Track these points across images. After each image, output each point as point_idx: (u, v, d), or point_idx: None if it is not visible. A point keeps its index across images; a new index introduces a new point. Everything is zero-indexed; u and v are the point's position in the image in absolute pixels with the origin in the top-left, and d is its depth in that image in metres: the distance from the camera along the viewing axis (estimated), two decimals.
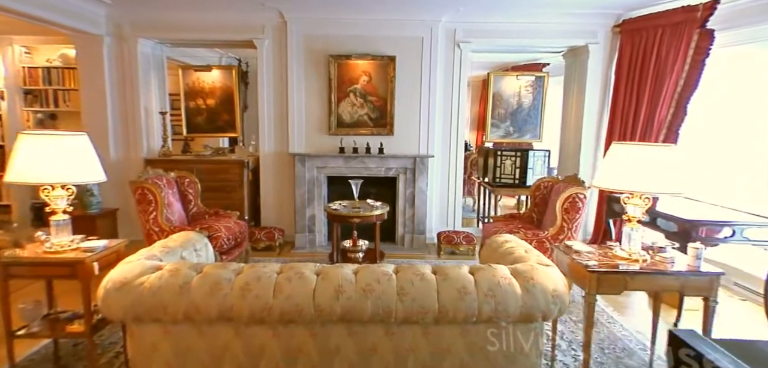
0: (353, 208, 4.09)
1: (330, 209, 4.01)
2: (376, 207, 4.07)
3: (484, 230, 4.40)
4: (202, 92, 5.96)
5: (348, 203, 4.29)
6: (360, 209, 4.04)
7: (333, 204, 4.19)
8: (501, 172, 5.63)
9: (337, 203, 4.23)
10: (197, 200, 4.56)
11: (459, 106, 5.70)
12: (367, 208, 4.09)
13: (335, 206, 4.10)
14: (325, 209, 4.07)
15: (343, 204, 4.24)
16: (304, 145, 5.66)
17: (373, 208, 4.05)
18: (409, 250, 5.58)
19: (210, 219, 4.34)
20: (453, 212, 5.91)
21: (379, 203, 4.20)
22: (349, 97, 5.54)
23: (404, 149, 5.63)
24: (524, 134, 6.02)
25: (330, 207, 4.06)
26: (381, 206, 4.12)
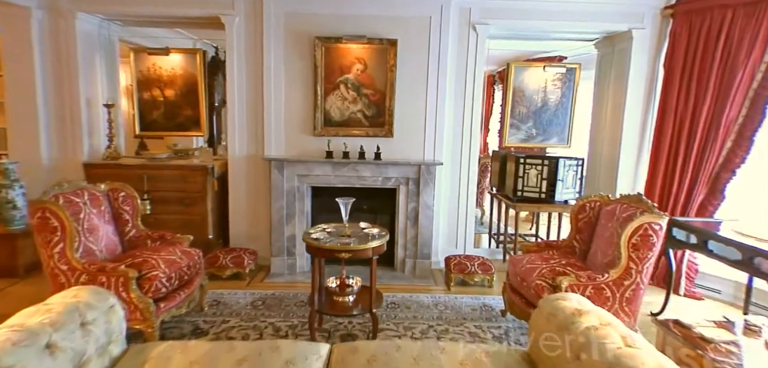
0: (342, 236, 3.03)
1: (310, 238, 2.95)
2: (373, 236, 3.02)
3: (512, 265, 3.37)
4: (158, 81, 4.87)
5: (335, 227, 3.23)
6: (351, 239, 2.98)
7: (314, 231, 3.13)
8: (524, 183, 4.61)
9: (319, 229, 3.17)
10: (136, 221, 3.48)
11: (473, 103, 4.67)
12: (359, 236, 3.04)
13: (317, 234, 3.04)
14: (305, 238, 3.01)
15: (329, 229, 3.19)
16: (283, 148, 4.59)
17: (369, 237, 3.00)
18: (411, 279, 4.54)
19: (149, 249, 3.26)
20: (464, 232, 4.87)
21: (376, 230, 3.14)
22: (339, 89, 4.48)
23: (406, 154, 4.58)
24: (550, 137, 5.01)
25: (310, 235, 3.00)
26: (379, 234, 3.07)
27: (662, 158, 4.38)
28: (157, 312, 2.83)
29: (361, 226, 3.28)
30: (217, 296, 3.95)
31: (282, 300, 3.87)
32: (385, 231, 3.18)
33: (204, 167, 4.53)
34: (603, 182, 4.95)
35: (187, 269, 3.16)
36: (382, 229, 3.22)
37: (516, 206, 4.65)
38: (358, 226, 3.30)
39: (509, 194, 4.83)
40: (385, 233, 3.16)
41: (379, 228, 3.20)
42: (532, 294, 2.87)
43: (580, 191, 4.67)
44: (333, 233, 3.12)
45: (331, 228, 3.22)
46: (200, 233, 4.60)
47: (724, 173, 4.02)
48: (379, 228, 3.21)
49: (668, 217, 2.76)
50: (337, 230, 3.15)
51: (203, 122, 4.94)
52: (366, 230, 3.13)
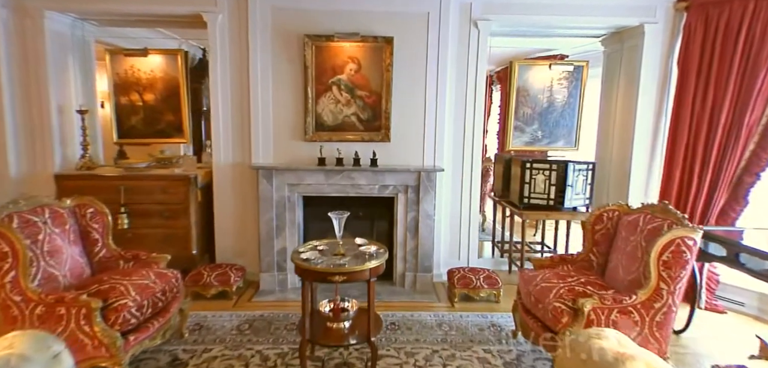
0: (335, 254, 2.71)
1: (299, 259, 2.61)
2: (370, 255, 2.69)
3: (524, 283, 3.06)
4: (137, 85, 4.52)
5: (328, 244, 2.91)
6: (345, 258, 2.66)
7: (304, 249, 2.80)
8: (531, 190, 4.30)
9: (309, 247, 2.85)
10: (106, 239, 3.13)
11: (476, 104, 4.36)
12: (355, 255, 2.72)
13: (307, 253, 2.71)
14: (293, 258, 2.68)
15: (321, 247, 2.86)
16: (271, 155, 4.26)
17: (366, 256, 2.68)
18: (412, 294, 4.22)
19: (120, 272, 2.91)
20: (467, 242, 4.56)
21: (373, 248, 2.82)
22: (332, 91, 4.16)
23: (404, 160, 4.27)
24: (556, 140, 4.72)
25: (300, 255, 2.67)
26: (377, 252, 2.75)
27: (678, 161, 4.10)
28: (126, 347, 2.49)
29: (357, 242, 2.96)
30: (201, 319, 3.60)
31: (271, 323, 3.54)
32: (383, 249, 2.86)
33: (186, 176, 4.18)
34: (613, 188, 4.66)
35: (162, 295, 2.81)
36: (380, 246, 2.90)
37: (522, 214, 4.34)
38: (353, 242, 2.98)
39: (515, 201, 4.53)
40: (384, 250, 2.84)
41: (376, 245, 2.88)
42: (550, 319, 2.56)
43: (591, 198, 4.38)
44: (325, 251, 2.79)
45: (323, 245, 2.90)
46: (183, 249, 4.26)
47: (746, 177, 3.74)
48: (377, 245, 2.89)
49: (702, 230, 2.46)
50: (330, 248, 2.82)
51: (186, 128, 4.60)
52: (362, 248, 2.81)
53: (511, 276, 4.75)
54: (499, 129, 8.15)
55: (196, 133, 5.62)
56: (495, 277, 4.06)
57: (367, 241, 2.97)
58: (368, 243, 2.92)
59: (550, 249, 5.21)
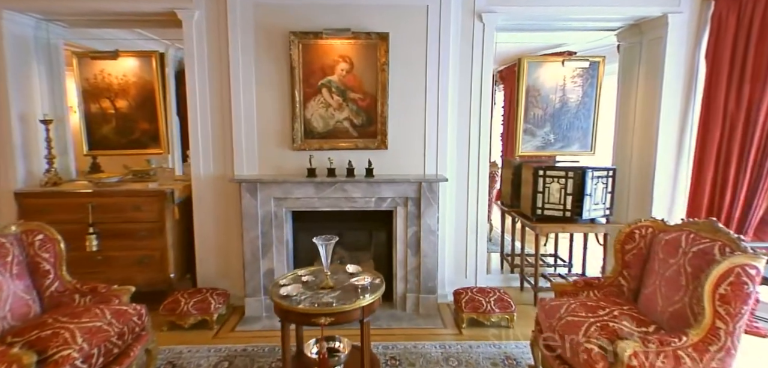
0: (322, 288, 2.28)
1: (278, 296, 2.19)
2: (364, 289, 2.26)
3: (545, 314, 2.63)
4: (108, 91, 4.10)
5: (314, 274, 2.48)
6: (334, 293, 2.23)
7: (285, 280, 2.38)
8: (545, 199, 3.87)
9: (291, 278, 2.42)
10: (59, 271, 2.71)
11: (481, 106, 3.93)
12: (345, 290, 2.29)
13: (288, 287, 2.28)
14: (272, 295, 2.25)
15: (306, 277, 2.44)
16: (256, 165, 3.85)
17: (358, 291, 2.25)
18: (414, 318, 3.79)
19: (73, 309, 2.48)
20: (474, 259, 4.13)
21: (367, 279, 2.39)
22: (322, 94, 3.74)
23: (403, 169, 3.85)
24: (570, 143, 4.29)
25: (279, 290, 2.24)
26: (371, 285, 2.32)
27: (708, 166, 3.68)
28: None
29: (349, 271, 2.54)
30: (175, 355, 3.18)
31: (254, 359, 3.11)
32: (379, 279, 2.44)
33: (161, 191, 3.76)
34: (634, 196, 4.24)
35: (119, 338, 2.38)
36: (375, 275, 2.48)
37: (536, 227, 3.91)
38: (344, 270, 2.55)
39: (526, 212, 4.10)
40: (380, 280, 2.42)
41: (371, 275, 2.45)
42: (581, 364, 2.13)
43: (611, 208, 3.95)
44: (311, 283, 2.37)
45: (308, 275, 2.47)
46: (159, 272, 3.84)
47: None
48: (372, 275, 2.46)
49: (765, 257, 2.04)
50: (315, 280, 2.40)
51: (162, 137, 4.18)
52: (355, 280, 2.38)
53: (524, 294, 4.32)
54: (503, 132, 7.73)
55: (186, 143, 5.20)
56: (507, 299, 3.63)
57: (360, 269, 2.55)
58: (362, 272, 2.50)
59: (565, 263, 4.78)
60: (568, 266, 4.75)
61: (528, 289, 4.34)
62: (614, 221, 4.03)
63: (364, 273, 2.47)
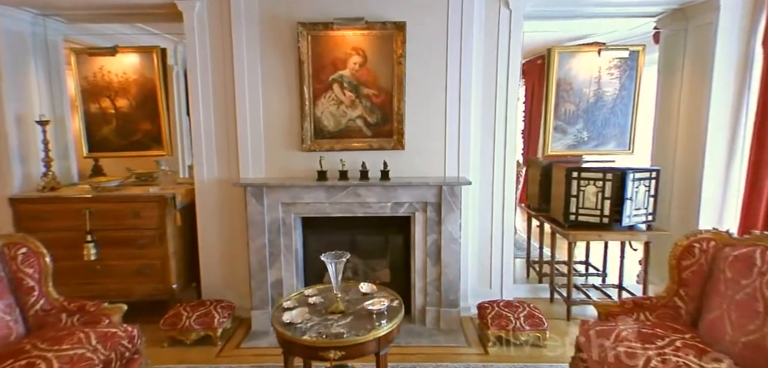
0: (331, 313, 1.97)
1: (280, 324, 1.90)
2: (379, 313, 1.95)
3: (587, 338, 2.28)
4: (108, 89, 3.87)
5: (324, 296, 2.17)
6: (346, 321, 1.92)
7: (290, 303, 2.08)
8: (579, 204, 3.50)
9: (295, 299, 2.13)
10: (45, 287, 2.46)
11: (508, 100, 3.58)
12: (358, 316, 1.98)
13: (292, 311, 1.98)
14: (274, 323, 1.96)
15: (313, 298, 2.14)
16: (263, 168, 3.57)
17: (373, 317, 1.93)
18: (434, 334, 3.46)
19: (57, 332, 2.23)
20: (500, 269, 3.78)
21: (384, 301, 2.07)
22: (333, 90, 3.44)
23: (422, 171, 3.53)
24: (606, 141, 3.90)
25: (281, 316, 1.95)
26: (389, 308, 2.01)
27: (766, 169, 3.25)
28: None
29: (362, 290, 2.23)
30: None
31: None
32: (397, 301, 2.13)
33: (161, 197, 3.50)
34: (677, 201, 3.83)
35: (111, 359, 2.12)
36: (393, 297, 2.16)
37: (569, 234, 3.53)
38: (357, 289, 2.24)
39: (557, 217, 3.72)
40: (399, 303, 2.11)
41: (388, 296, 2.14)
42: None
43: (654, 213, 3.55)
44: (319, 305, 2.07)
45: (315, 295, 2.18)
46: (161, 282, 3.60)
47: None
48: (389, 296, 2.15)
49: None
50: (324, 302, 2.10)
51: (165, 138, 3.93)
52: (370, 304, 2.07)
53: (554, 307, 3.95)
54: (524, 129, 7.32)
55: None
56: (538, 315, 3.27)
57: (375, 288, 2.23)
58: (377, 291, 2.18)
59: (599, 272, 4.39)
60: (602, 276, 4.36)
61: (558, 301, 3.97)
62: (656, 228, 3.62)
63: (380, 294, 2.15)
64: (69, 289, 3.58)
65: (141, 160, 4.15)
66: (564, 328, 3.58)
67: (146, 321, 3.60)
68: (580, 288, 3.96)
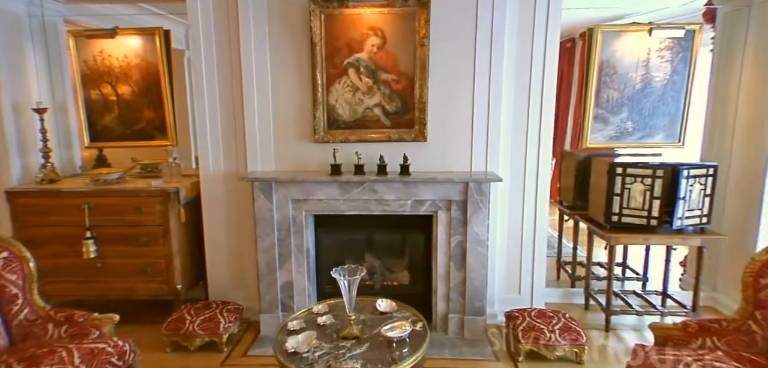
0: (342, 340, 1.68)
1: (283, 355, 1.61)
2: (400, 342, 1.65)
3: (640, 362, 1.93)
4: (109, 75, 3.63)
5: (333, 314, 1.88)
6: (361, 353, 1.63)
7: (295, 323, 1.81)
8: (623, 203, 3.11)
9: (303, 317, 1.85)
10: (30, 295, 2.23)
11: (544, 87, 3.19)
12: (375, 344, 1.68)
13: (297, 338, 1.70)
14: (275, 348, 1.68)
15: (324, 317, 1.87)
16: (272, 161, 3.28)
17: (392, 347, 1.63)
18: (457, 345, 3.15)
19: (31, 353, 1.99)
20: (530, 274, 3.43)
21: (406, 327, 1.78)
22: (348, 75, 3.11)
23: (446, 164, 3.19)
24: (653, 133, 3.48)
25: (285, 341, 1.67)
26: (413, 334, 1.71)
27: None
28: None
29: (380, 308, 1.93)
30: None
31: None
32: (421, 323, 1.83)
33: (163, 191, 3.25)
34: (734, 201, 3.42)
35: None
36: (416, 317, 1.86)
37: (610, 237, 3.15)
38: (373, 307, 1.94)
39: (597, 217, 3.34)
40: (422, 326, 1.79)
41: (409, 317, 1.84)
42: None
43: (709, 215, 3.13)
44: (329, 328, 1.79)
45: (326, 313, 1.90)
46: (164, 283, 3.38)
47: None
48: (410, 316, 1.84)
49: None
50: (336, 322, 1.81)
51: (170, 128, 3.67)
52: (388, 329, 1.76)
53: (589, 315, 3.60)
54: (578, 117, 6.80)
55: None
56: (575, 328, 2.92)
57: (394, 305, 1.93)
58: (396, 309, 1.89)
59: (638, 276, 3.99)
60: (643, 281, 3.96)
61: (594, 308, 3.61)
62: (711, 231, 3.21)
63: (401, 314, 1.85)
64: (69, 287, 3.43)
65: (148, 150, 3.91)
66: (602, 341, 3.24)
67: (151, 321, 3.43)
68: (618, 295, 3.59)
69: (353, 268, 1.73)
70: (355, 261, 3.62)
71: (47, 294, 3.44)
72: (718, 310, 3.66)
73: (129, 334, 3.27)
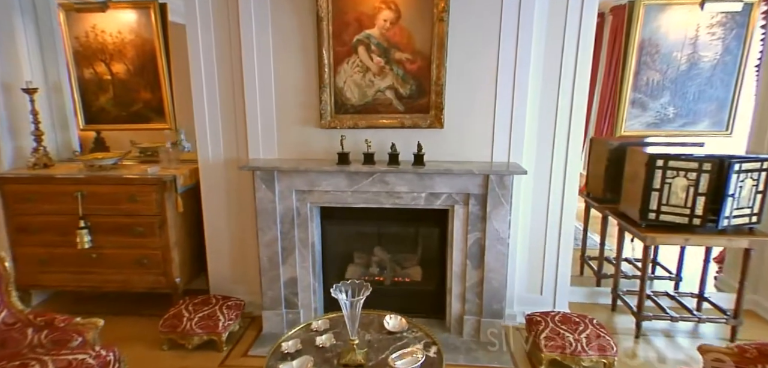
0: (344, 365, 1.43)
1: None
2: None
3: None
4: (102, 52, 3.38)
5: (334, 333, 1.64)
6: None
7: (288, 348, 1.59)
8: (662, 199, 2.78)
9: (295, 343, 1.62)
10: (6, 296, 2.05)
11: (577, 69, 2.84)
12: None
13: (290, 363, 1.47)
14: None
15: (322, 337, 1.62)
16: (275, 148, 3.03)
17: None
18: (473, 348, 2.92)
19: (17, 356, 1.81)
20: (554, 274, 3.15)
21: (418, 357, 1.52)
22: (358, 54, 2.81)
23: (464, 154, 2.90)
24: (697, 120, 3.12)
25: None
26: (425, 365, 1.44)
27: None
28: None
29: (388, 326, 1.69)
30: None
31: None
32: (435, 348, 1.56)
33: (159, 180, 3.03)
34: None
35: None
36: (430, 338, 1.60)
37: (646, 237, 2.84)
38: (380, 323, 1.70)
39: (631, 214, 3.02)
40: (436, 352, 1.54)
41: (423, 340, 1.58)
42: None
43: (760, 214, 2.79)
44: (328, 352, 1.59)
45: (326, 333, 1.66)
46: (162, 275, 3.20)
47: None
48: (424, 338, 1.61)
49: None
50: (337, 346, 1.57)
51: (167, 110, 3.44)
52: (397, 356, 1.51)
53: (617, 317, 3.33)
54: (611, 102, 6.38)
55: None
56: (604, 335, 2.65)
57: (404, 323, 1.69)
58: (406, 328, 1.64)
59: (671, 275, 3.68)
60: (675, 280, 3.65)
61: (621, 309, 3.34)
62: (760, 231, 2.87)
63: (412, 335, 1.61)
64: (64, 278, 3.27)
65: (149, 133, 3.68)
66: (632, 348, 2.96)
67: (149, 314, 3.27)
68: (650, 297, 3.29)
69: (356, 284, 1.48)
70: (364, 255, 3.43)
71: (42, 284, 3.34)
72: (761, 315, 3.35)
73: (126, 327, 3.18)
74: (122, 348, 2.86)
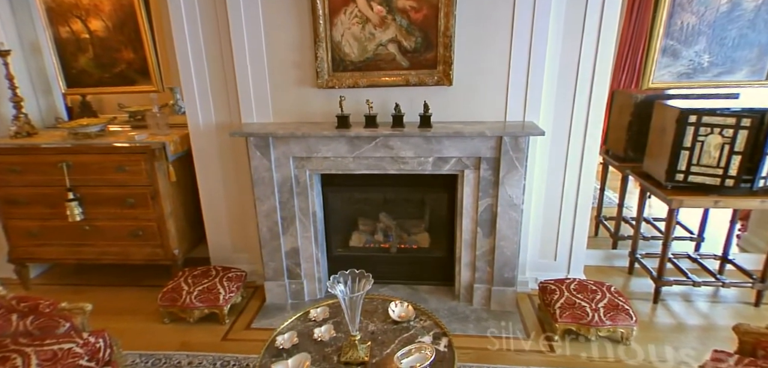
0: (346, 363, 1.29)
1: None
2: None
3: None
4: (77, 8, 3.09)
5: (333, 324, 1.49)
6: None
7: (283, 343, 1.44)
8: (693, 158, 2.54)
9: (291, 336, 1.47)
10: None
11: (603, 16, 2.51)
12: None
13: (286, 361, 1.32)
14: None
15: (321, 330, 1.48)
16: (270, 110, 2.80)
17: None
18: (483, 318, 2.80)
19: None
20: (569, 240, 2.97)
21: (427, 354, 1.36)
22: (356, 3, 2.51)
23: (475, 113, 2.66)
24: (735, 68, 2.82)
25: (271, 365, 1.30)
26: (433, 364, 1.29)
27: None
28: None
29: (392, 314, 1.54)
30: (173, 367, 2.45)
31: None
32: (445, 340, 1.41)
33: (147, 147, 2.83)
34: None
35: None
36: (439, 327, 1.45)
37: (672, 200, 2.62)
38: (384, 311, 1.55)
39: (656, 174, 2.79)
40: (446, 345, 1.38)
41: (432, 331, 1.42)
42: None
43: None
44: (327, 346, 1.43)
45: (326, 323, 1.51)
46: (160, 246, 3.08)
47: None
48: (433, 328, 1.46)
49: None
50: (336, 339, 1.43)
51: (152, 70, 3.18)
52: (404, 353, 1.36)
53: (634, 280, 3.19)
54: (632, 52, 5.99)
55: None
56: (623, 305, 2.51)
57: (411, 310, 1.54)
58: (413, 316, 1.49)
59: (693, 235, 3.49)
60: (696, 241, 3.47)
61: (639, 271, 3.20)
62: None
63: (419, 323, 1.45)
64: (60, 250, 3.15)
65: (138, 95, 3.44)
66: (649, 315, 2.83)
67: (150, 285, 3.19)
68: (670, 260, 3.12)
69: (356, 273, 1.30)
70: (369, 222, 3.27)
71: (37, 257, 3.24)
72: None
73: (127, 300, 3.11)
74: (123, 322, 2.83)
